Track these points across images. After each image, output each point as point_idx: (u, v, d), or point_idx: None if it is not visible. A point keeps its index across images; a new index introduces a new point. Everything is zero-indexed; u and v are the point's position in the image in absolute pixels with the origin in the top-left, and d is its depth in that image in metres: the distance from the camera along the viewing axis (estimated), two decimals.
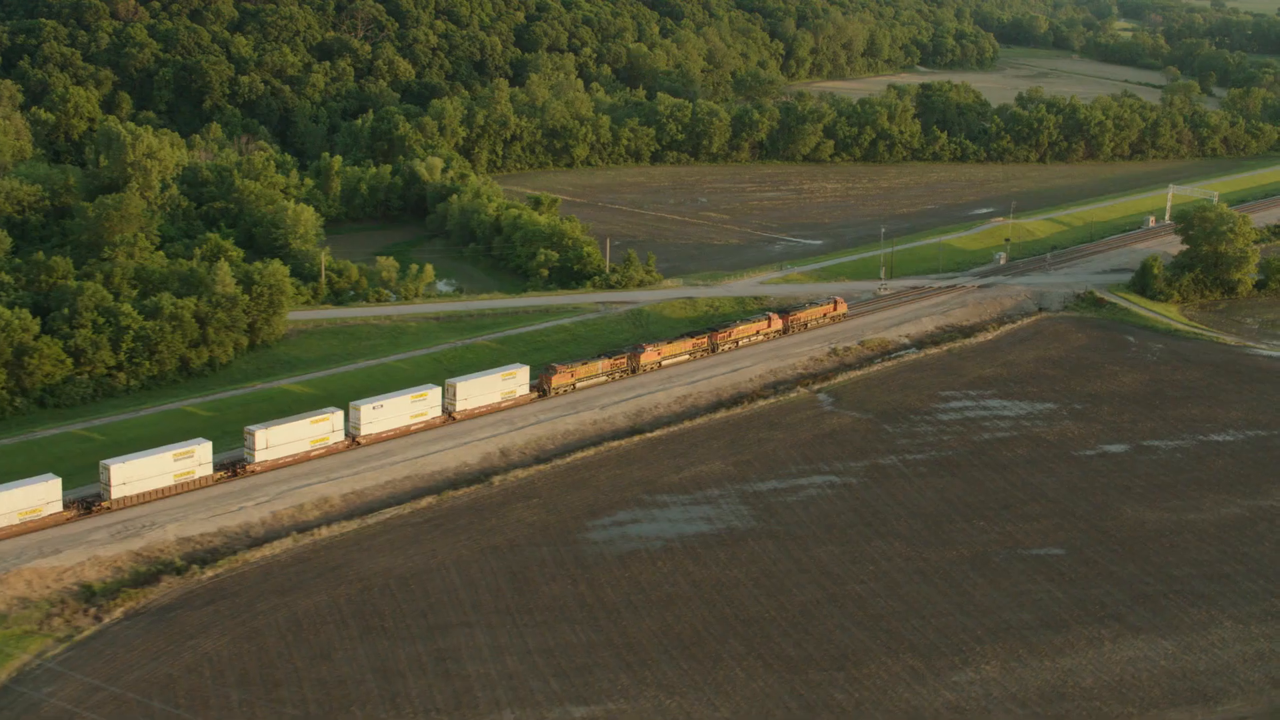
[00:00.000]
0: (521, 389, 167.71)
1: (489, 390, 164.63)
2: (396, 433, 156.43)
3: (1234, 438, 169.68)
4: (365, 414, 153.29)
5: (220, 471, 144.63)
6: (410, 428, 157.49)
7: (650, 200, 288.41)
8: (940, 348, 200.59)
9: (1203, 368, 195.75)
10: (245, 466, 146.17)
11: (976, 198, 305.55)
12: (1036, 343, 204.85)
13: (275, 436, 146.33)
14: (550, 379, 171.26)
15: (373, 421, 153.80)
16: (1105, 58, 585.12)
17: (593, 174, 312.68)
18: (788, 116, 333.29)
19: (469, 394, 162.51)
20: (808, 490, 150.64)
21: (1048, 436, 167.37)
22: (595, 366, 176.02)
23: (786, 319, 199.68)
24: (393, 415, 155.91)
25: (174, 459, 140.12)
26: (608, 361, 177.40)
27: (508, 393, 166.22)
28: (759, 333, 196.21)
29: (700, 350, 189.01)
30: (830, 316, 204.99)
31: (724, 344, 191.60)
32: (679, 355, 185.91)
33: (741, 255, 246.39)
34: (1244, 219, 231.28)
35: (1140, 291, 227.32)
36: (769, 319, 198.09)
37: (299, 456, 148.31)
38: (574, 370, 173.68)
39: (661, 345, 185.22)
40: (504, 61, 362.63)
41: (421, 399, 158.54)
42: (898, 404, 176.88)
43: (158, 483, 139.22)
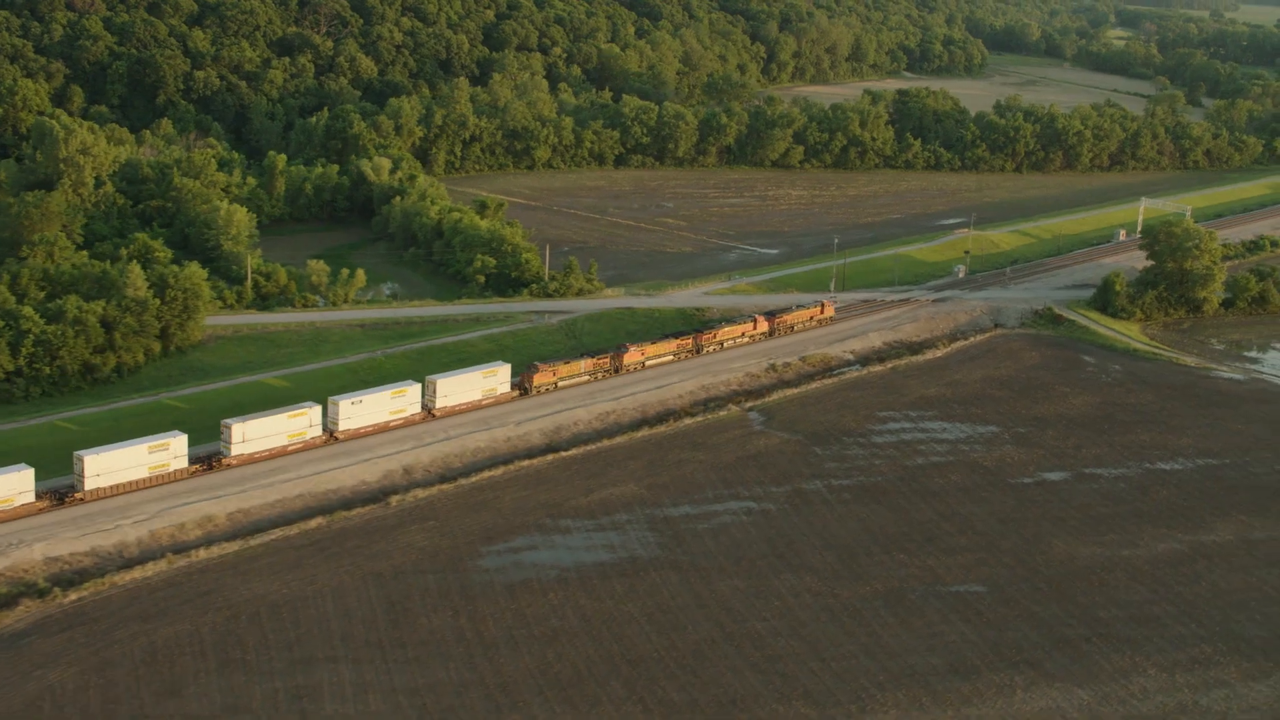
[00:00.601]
0: (503, 387, 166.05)
1: (470, 388, 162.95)
2: (375, 429, 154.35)
3: (1182, 466, 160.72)
4: (343, 409, 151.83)
5: (196, 465, 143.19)
6: (389, 424, 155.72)
7: (609, 205, 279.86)
8: (885, 365, 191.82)
9: (1158, 390, 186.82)
10: (221, 460, 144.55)
11: (946, 207, 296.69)
12: (987, 361, 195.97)
13: (252, 430, 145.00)
14: (532, 377, 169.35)
15: (351, 417, 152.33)
16: (1097, 66, 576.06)
17: (553, 177, 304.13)
18: (756, 121, 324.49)
19: (449, 391, 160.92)
20: (721, 517, 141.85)
21: (985, 462, 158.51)
22: (578, 366, 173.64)
23: (773, 321, 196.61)
24: (371, 411, 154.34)
25: (149, 451, 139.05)
26: (590, 361, 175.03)
27: (489, 390, 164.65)
28: (745, 334, 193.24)
29: (685, 351, 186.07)
30: (817, 320, 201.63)
31: (709, 345, 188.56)
32: (663, 356, 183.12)
33: (693, 264, 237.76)
34: (1210, 235, 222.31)
35: (1101, 309, 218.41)
36: (755, 321, 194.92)
37: (275, 451, 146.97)
38: (556, 369, 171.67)
39: (645, 345, 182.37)
40: (470, 60, 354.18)
41: (401, 395, 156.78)
42: (832, 425, 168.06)
43: (132, 475, 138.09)
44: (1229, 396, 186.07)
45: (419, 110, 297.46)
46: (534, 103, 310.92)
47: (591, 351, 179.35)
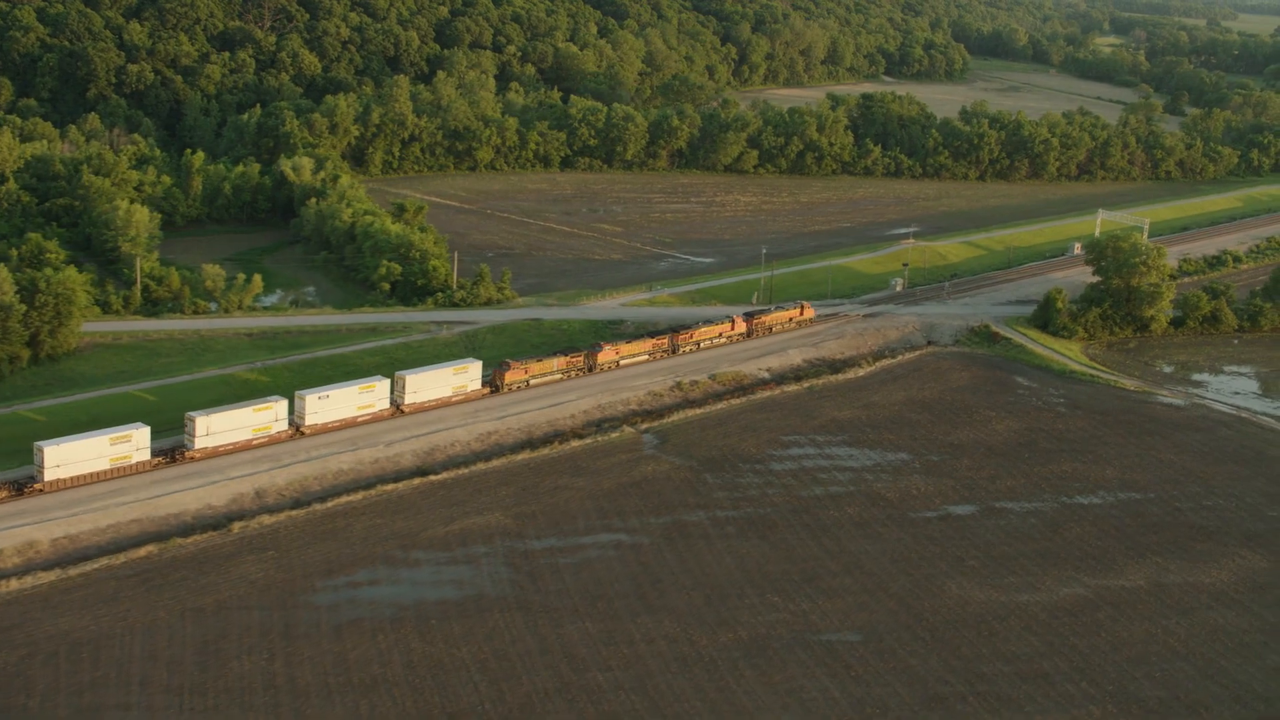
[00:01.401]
0: (474, 384, 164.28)
1: (439, 384, 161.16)
2: (342, 424, 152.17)
3: (1102, 501, 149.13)
4: (310, 404, 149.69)
5: (159, 457, 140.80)
6: (357, 419, 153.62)
7: (547, 209, 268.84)
8: (801, 384, 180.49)
9: (1089, 416, 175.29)
10: (184, 453, 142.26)
11: (900, 216, 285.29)
12: (911, 381, 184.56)
13: (216, 424, 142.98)
14: (504, 375, 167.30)
15: (317, 412, 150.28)
16: (1083, 73, 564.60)
17: (495, 179, 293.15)
18: (710, 124, 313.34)
19: (418, 387, 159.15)
20: (587, 551, 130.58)
21: (888, 494, 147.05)
22: (550, 364, 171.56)
23: (750, 322, 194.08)
24: (339, 406, 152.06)
25: (110, 443, 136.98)
26: (563, 359, 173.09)
27: (459, 387, 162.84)
28: (722, 335, 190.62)
29: (660, 351, 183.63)
30: (796, 321, 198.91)
31: (685, 345, 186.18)
32: (638, 355, 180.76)
33: (620, 272, 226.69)
34: (1159, 251, 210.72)
35: (1042, 326, 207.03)
36: (733, 321, 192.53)
37: (240, 444, 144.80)
38: (528, 367, 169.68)
39: (620, 345, 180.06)
40: (419, 58, 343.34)
41: (369, 390, 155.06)
42: (730, 449, 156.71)
43: (94, 466, 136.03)
44: (1165, 424, 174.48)
45: (355, 108, 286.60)
46: (477, 102, 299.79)
47: (565, 349, 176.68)
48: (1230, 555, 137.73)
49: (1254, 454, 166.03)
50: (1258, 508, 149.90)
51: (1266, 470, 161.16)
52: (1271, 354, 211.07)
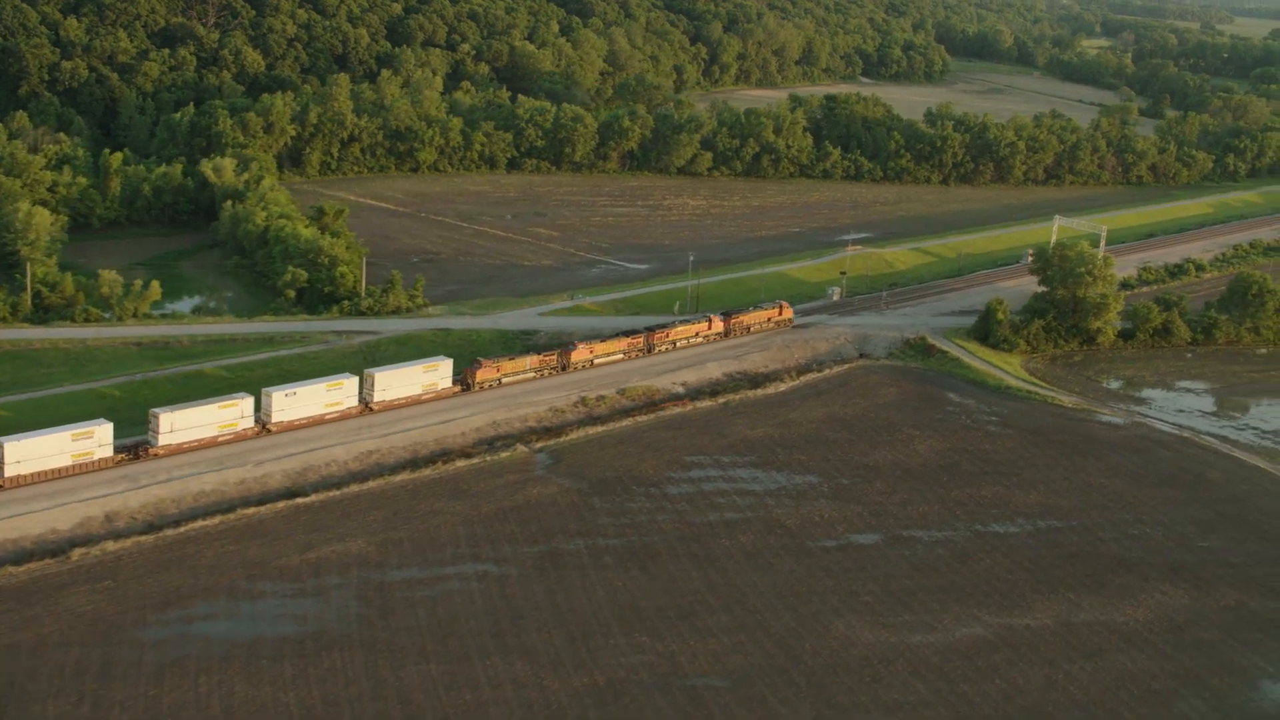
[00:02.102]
0: (444, 382, 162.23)
1: (409, 382, 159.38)
2: (309, 421, 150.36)
3: (1019, 529, 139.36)
4: (277, 401, 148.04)
5: (122, 454, 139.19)
6: (324, 416, 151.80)
7: (486, 212, 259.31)
8: (717, 400, 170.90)
9: (1020, 436, 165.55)
10: (148, 449, 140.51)
11: (854, 221, 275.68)
12: (835, 397, 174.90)
13: (180, 420, 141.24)
14: (474, 373, 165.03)
15: (284, 409, 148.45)
16: (1068, 76, 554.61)
17: (437, 181, 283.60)
18: (662, 125, 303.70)
19: (388, 385, 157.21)
20: (449, 583, 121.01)
21: (788, 521, 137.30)
22: (523, 363, 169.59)
23: (728, 321, 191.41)
24: (306, 404, 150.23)
25: (72, 439, 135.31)
26: (536, 358, 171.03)
27: (429, 385, 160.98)
28: (698, 334, 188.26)
29: (635, 350, 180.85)
30: (775, 321, 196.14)
31: (661, 344, 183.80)
32: (613, 354, 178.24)
33: (547, 279, 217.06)
34: (1106, 261, 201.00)
35: (982, 339, 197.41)
36: (710, 320, 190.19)
37: (205, 441, 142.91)
38: (500, 365, 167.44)
39: (594, 344, 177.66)
40: (369, 56, 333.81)
41: (337, 388, 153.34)
42: (626, 471, 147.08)
43: (55, 462, 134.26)
44: (1100, 444, 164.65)
45: (293, 108, 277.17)
46: (420, 102, 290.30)
47: (538, 348, 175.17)
48: (1150, 590, 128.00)
49: (1192, 477, 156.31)
50: (1187, 537, 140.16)
51: (1203, 495, 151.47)
52: (1224, 369, 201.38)
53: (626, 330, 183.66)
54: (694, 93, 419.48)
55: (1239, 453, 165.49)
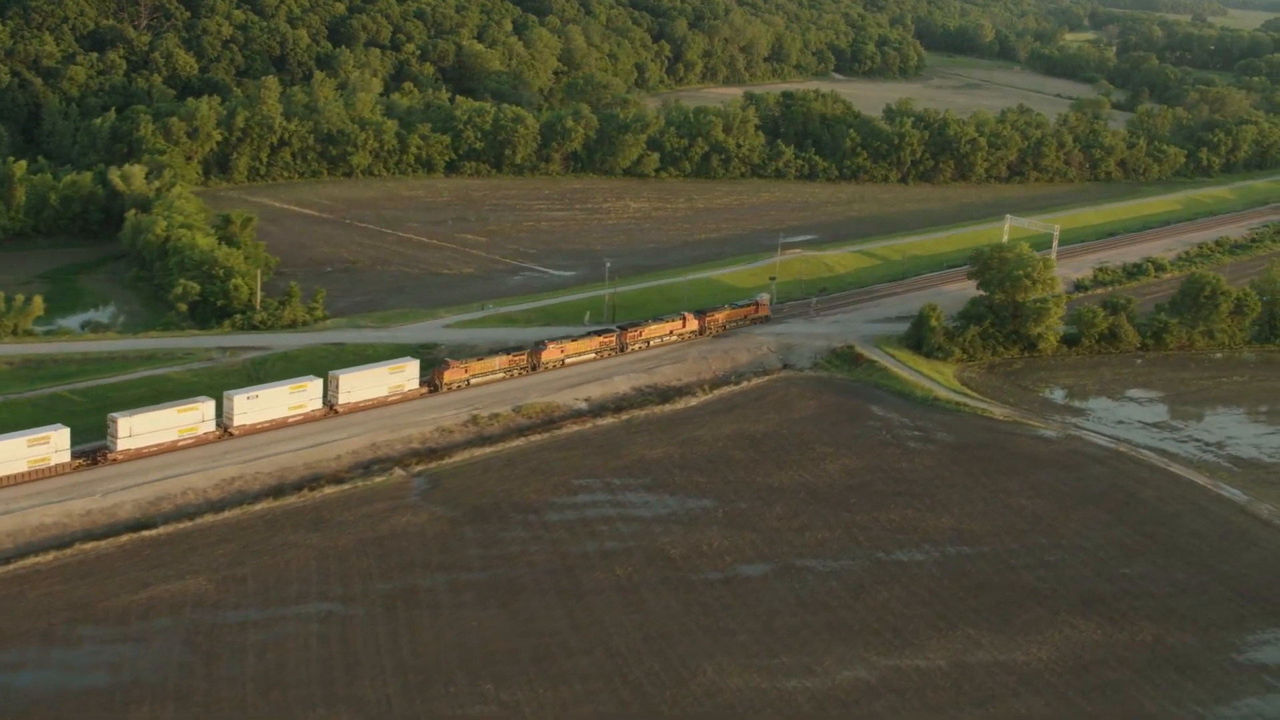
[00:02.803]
0: (411, 384, 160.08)
1: (375, 384, 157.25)
2: (273, 424, 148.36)
3: (925, 557, 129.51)
4: (239, 404, 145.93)
5: (79, 459, 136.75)
6: (288, 419, 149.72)
7: (414, 218, 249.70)
8: (620, 416, 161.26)
9: (941, 452, 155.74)
10: (107, 455, 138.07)
11: (802, 222, 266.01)
12: (748, 412, 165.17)
13: (140, 425, 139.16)
14: (442, 374, 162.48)
15: (246, 412, 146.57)
16: (1049, 70, 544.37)
17: (370, 186, 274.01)
18: (607, 125, 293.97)
19: (352, 387, 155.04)
20: (286, 625, 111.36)
21: (673, 550, 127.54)
22: (492, 363, 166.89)
23: (703, 319, 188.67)
24: (269, 407, 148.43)
25: (29, 444, 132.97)
26: (505, 358, 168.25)
27: (395, 387, 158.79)
28: (672, 332, 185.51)
29: (607, 349, 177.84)
30: (751, 319, 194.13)
31: (634, 343, 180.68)
32: (584, 354, 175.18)
33: (465, 288, 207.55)
34: (1046, 263, 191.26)
35: (914, 347, 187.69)
36: (684, 318, 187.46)
37: (165, 446, 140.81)
38: (468, 366, 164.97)
39: (565, 343, 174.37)
40: (308, 57, 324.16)
41: (301, 390, 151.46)
42: (507, 496, 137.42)
43: (11, 469, 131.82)
44: (1027, 460, 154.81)
45: (218, 112, 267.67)
46: (353, 104, 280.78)
47: (508, 348, 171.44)
48: (1060, 625, 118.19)
49: (1123, 496, 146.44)
50: (1109, 564, 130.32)
51: (1132, 516, 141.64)
52: (1173, 376, 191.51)
53: (598, 329, 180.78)
54: (657, 91, 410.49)
55: (1177, 467, 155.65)
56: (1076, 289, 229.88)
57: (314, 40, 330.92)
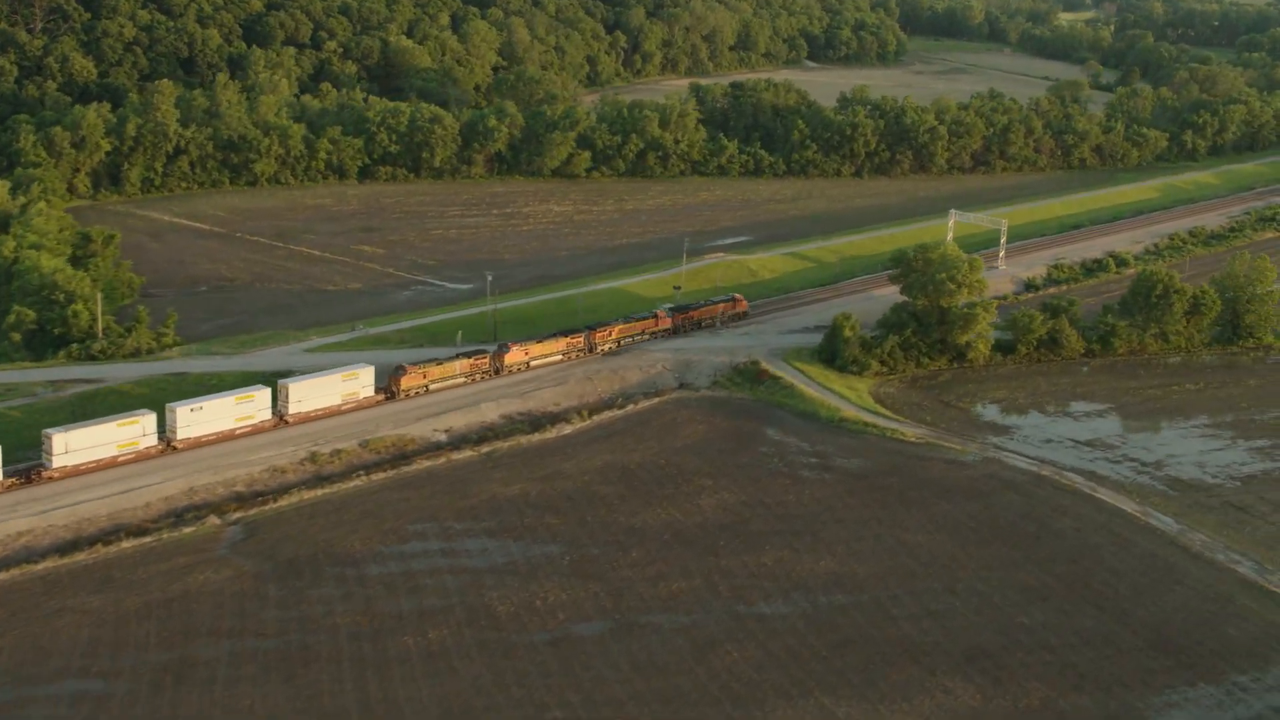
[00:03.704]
0: (366, 391, 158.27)
1: (327, 392, 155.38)
2: (219, 437, 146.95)
3: (791, 608, 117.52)
4: (181, 416, 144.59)
5: (11, 479, 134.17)
6: (235, 431, 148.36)
7: (312, 229, 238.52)
8: (480, 448, 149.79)
9: (838, 481, 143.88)
10: (42, 472, 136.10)
11: (739, 222, 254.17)
12: (627, 440, 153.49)
13: (76, 440, 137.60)
14: (399, 380, 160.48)
15: (190, 425, 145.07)
16: (1040, 51, 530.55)
17: (275, 195, 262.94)
18: (534, 124, 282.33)
19: (303, 396, 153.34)
20: (33, 709, 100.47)
21: (501, 607, 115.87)
22: (452, 367, 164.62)
23: (677, 317, 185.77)
24: (214, 419, 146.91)
25: None
26: (466, 362, 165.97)
27: (349, 394, 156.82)
28: (645, 332, 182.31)
29: (575, 350, 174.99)
30: (729, 315, 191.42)
31: (603, 344, 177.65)
32: (550, 356, 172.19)
33: (345, 306, 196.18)
34: (972, 264, 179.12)
35: (829, 360, 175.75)
36: (656, 317, 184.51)
37: (105, 462, 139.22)
38: (426, 371, 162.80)
39: (529, 344, 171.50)
40: (219, 58, 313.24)
41: (248, 400, 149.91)
42: (328, 546, 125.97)
43: None
44: (933, 488, 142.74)
45: (108, 119, 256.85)
46: (256, 108, 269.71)
47: (468, 350, 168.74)
48: (934, 688, 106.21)
49: (1036, 529, 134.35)
50: (1005, 611, 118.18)
51: (1043, 552, 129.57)
52: (1119, 385, 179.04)
53: (565, 329, 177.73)
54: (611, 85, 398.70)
55: (1104, 493, 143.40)
56: (1026, 289, 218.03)
57: (226, 40, 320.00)
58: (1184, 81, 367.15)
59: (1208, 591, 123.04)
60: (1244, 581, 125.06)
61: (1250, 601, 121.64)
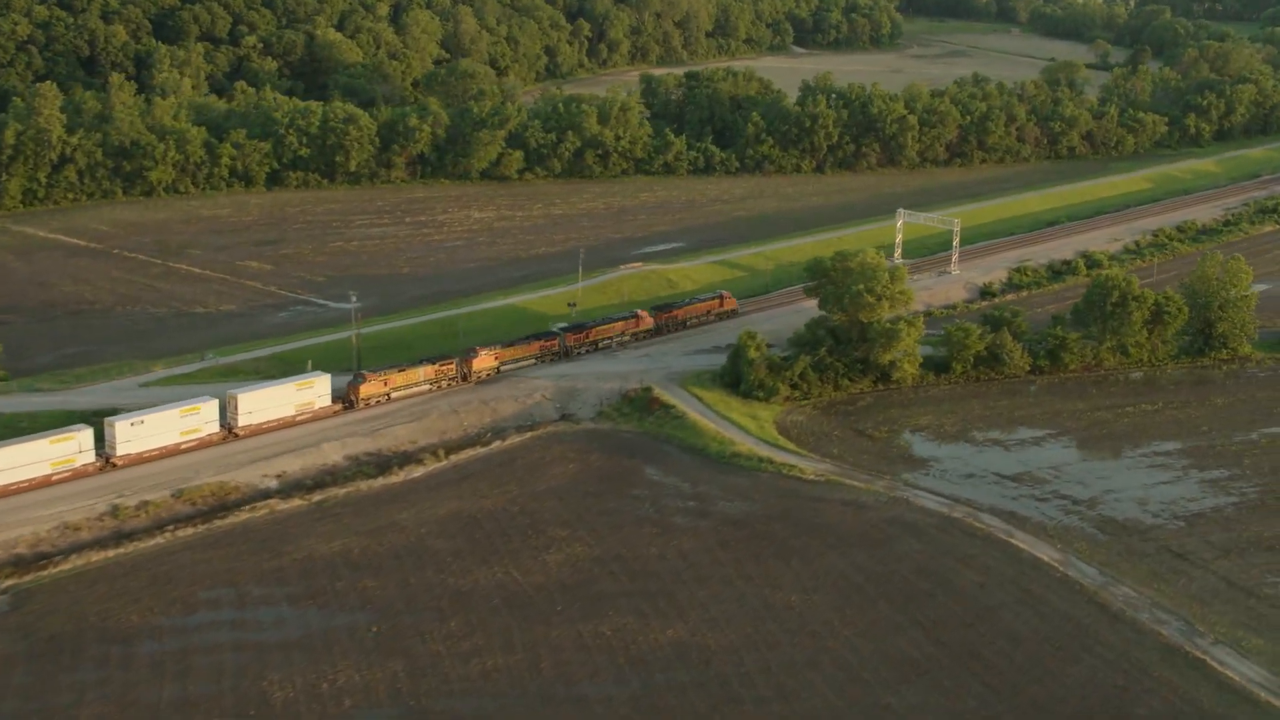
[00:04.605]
0: (322, 400, 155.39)
1: (280, 402, 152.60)
2: (163, 452, 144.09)
3: (619, 689, 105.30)
4: (121, 431, 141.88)
5: None
6: (180, 446, 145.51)
7: (198, 243, 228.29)
8: (313, 496, 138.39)
9: (713, 530, 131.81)
10: None
11: (673, 227, 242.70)
12: (481, 485, 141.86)
13: (6, 459, 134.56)
14: (358, 389, 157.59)
15: (130, 440, 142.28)
16: (1050, 31, 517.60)
17: (172, 205, 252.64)
18: (460, 122, 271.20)
19: (254, 407, 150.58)
20: None
21: (277, 695, 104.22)
22: (415, 374, 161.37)
23: (660, 316, 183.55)
24: (157, 433, 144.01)
25: None
26: (431, 368, 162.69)
27: (304, 405, 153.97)
28: (624, 333, 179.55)
29: (549, 354, 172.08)
30: (716, 314, 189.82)
31: (579, 347, 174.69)
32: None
33: (212, 330, 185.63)
34: (895, 274, 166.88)
35: (733, 385, 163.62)
36: (638, 317, 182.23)
37: (36, 481, 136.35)
38: (388, 378, 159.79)
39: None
40: (124, 57, 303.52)
41: (193, 413, 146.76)
42: (101, 620, 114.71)
43: None
44: (823, 535, 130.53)
45: None
46: (151, 110, 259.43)
47: (432, 357, 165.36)
48: None
49: (933, 585, 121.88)
50: (873, 690, 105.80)
51: (935, 613, 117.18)
52: (1065, 407, 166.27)
53: (539, 332, 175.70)
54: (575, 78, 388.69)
55: (1022, 538, 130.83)
56: (982, 296, 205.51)
57: (134, 37, 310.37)
58: (1192, 60, 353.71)
59: (1120, 661, 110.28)
60: (1166, 648, 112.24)
61: (1170, 672, 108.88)
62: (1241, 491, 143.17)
